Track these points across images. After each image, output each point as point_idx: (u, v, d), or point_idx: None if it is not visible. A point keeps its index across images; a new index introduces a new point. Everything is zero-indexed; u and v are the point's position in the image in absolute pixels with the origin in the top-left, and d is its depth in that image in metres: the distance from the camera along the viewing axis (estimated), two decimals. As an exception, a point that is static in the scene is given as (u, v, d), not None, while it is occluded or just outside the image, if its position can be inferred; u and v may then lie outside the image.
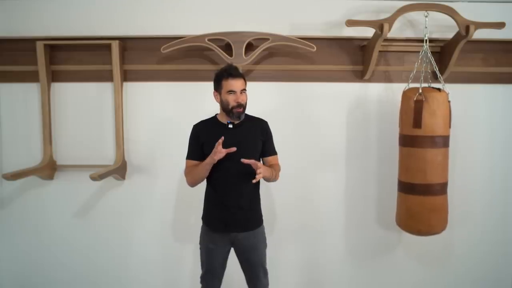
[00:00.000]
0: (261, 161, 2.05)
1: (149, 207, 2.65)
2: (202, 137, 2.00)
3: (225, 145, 1.87)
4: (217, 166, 1.91)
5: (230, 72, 1.92)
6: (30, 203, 2.65)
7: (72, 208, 2.65)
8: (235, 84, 1.91)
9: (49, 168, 2.56)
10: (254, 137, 2.01)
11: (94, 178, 2.18)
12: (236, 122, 1.99)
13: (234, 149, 1.85)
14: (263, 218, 2.11)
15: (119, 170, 2.53)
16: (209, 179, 2.02)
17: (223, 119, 2.00)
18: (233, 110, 1.93)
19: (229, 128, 1.98)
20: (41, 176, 2.56)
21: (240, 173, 1.93)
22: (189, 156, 2.03)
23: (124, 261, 2.69)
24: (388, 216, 2.58)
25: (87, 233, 2.66)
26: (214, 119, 2.06)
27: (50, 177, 2.59)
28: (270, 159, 2.06)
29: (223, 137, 1.84)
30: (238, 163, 1.86)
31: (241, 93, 1.93)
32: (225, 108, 1.95)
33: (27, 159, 2.58)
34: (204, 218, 2.08)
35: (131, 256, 2.69)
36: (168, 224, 2.65)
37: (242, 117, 1.98)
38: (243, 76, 1.97)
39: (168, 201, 2.64)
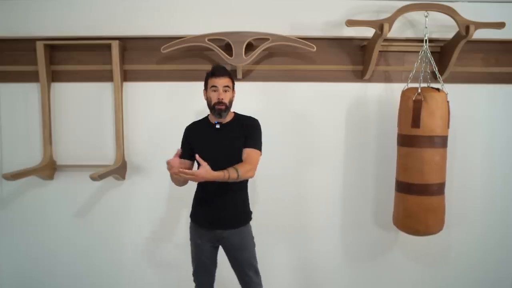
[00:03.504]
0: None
1: (149, 207, 2.65)
2: (191, 137, 2.06)
3: (212, 145, 1.97)
4: None
5: (214, 71, 1.98)
6: (30, 203, 2.65)
7: (72, 208, 2.65)
8: (218, 81, 1.96)
9: (49, 168, 2.56)
10: (237, 136, 2.01)
11: (94, 178, 2.18)
12: (224, 122, 2.03)
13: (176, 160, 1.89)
14: (263, 217, 2.12)
15: (119, 170, 2.53)
16: None
17: (213, 119, 2.05)
18: (215, 107, 1.97)
19: (216, 128, 2.02)
20: (41, 176, 2.56)
21: None
22: (181, 157, 2.05)
23: (124, 261, 2.69)
24: (385, 216, 2.58)
25: (87, 233, 2.66)
26: (205, 119, 2.10)
27: (50, 177, 2.60)
28: (245, 150, 1.98)
29: (179, 148, 1.93)
30: (222, 163, 1.89)
31: (224, 91, 1.96)
32: (209, 105, 2.01)
33: (27, 159, 2.58)
34: (192, 215, 2.12)
35: (132, 256, 2.69)
36: (169, 223, 2.65)
37: (224, 115, 1.99)
38: (229, 75, 2.01)
39: (169, 201, 2.64)
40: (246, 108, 2.55)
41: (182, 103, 2.58)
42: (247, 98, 2.59)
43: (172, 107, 2.58)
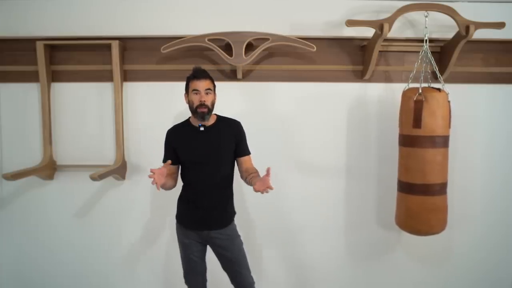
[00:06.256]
0: (235, 162, 2.09)
1: (149, 207, 2.65)
2: (174, 141, 2.07)
3: (197, 148, 1.98)
4: (190, 168, 1.97)
5: (195, 74, 2.00)
6: (30, 203, 2.64)
7: (72, 208, 2.65)
8: (200, 84, 1.97)
9: (49, 168, 2.56)
10: (226, 139, 2.03)
11: (94, 178, 2.18)
12: (208, 124, 2.03)
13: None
14: (265, 217, 2.12)
15: (119, 170, 2.53)
16: (183, 179, 2.09)
17: (195, 122, 2.05)
18: (197, 110, 1.97)
19: (201, 131, 2.02)
20: (41, 176, 2.56)
21: (210, 175, 2.00)
22: (164, 161, 2.08)
23: (124, 261, 2.69)
24: (387, 216, 2.58)
25: (87, 233, 2.66)
26: (187, 122, 2.10)
27: (50, 177, 2.59)
28: (244, 159, 2.06)
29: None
30: (210, 165, 1.93)
31: (206, 93, 1.97)
32: (191, 108, 2.01)
33: (27, 159, 2.58)
34: (177, 216, 2.13)
35: (131, 256, 2.69)
36: (169, 224, 2.65)
37: (207, 118, 1.99)
38: (210, 77, 2.02)
39: (169, 201, 2.63)
40: (246, 108, 2.57)
41: (182, 103, 2.57)
42: (247, 98, 2.59)
43: (172, 107, 2.57)
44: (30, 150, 2.60)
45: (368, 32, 2.36)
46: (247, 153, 2.08)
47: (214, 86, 2.05)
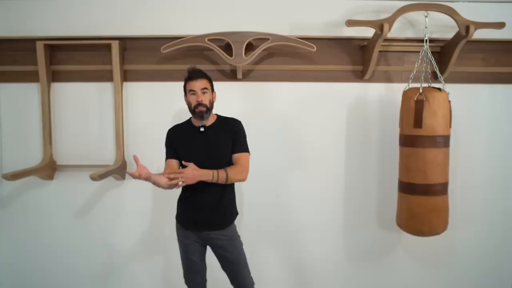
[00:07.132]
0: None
1: (149, 207, 2.65)
2: (175, 141, 2.06)
3: (197, 148, 1.98)
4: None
5: (190, 75, 2.00)
6: (30, 203, 2.65)
7: (72, 208, 2.65)
8: (195, 84, 1.97)
9: (49, 168, 2.56)
10: (224, 138, 2.02)
11: (94, 178, 2.18)
12: (208, 124, 2.02)
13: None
14: (265, 218, 2.11)
15: (119, 170, 2.52)
16: None
17: (196, 122, 2.05)
18: (196, 110, 1.97)
19: (201, 131, 2.02)
20: (41, 176, 2.56)
21: None
22: (167, 157, 2.08)
23: (124, 261, 2.69)
24: (388, 216, 2.58)
25: (87, 233, 2.66)
26: (188, 122, 2.10)
27: (50, 177, 2.59)
28: (236, 156, 2.01)
29: (135, 155, 1.90)
30: (209, 165, 1.90)
31: (203, 93, 1.96)
32: (189, 108, 2.01)
33: (27, 159, 2.58)
34: (177, 216, 2.12)
35: (131, 256, 2.69)
36: (169, 224, 2.65)
37: (206, 117, 1.99)
38: (206, 76, 2.01)
39: (169, 201, 2.63)
40: (246, 108, 2.57)
41: (182, 103, 2.57)
42: (247, 98, 2.60)
43: (171, 107, 2.57)
44: (30, 150, 2.60)
45: (368, 32, 2.36)
46: (241, 150, 2.02)
47: (211, 84, 2.03)
